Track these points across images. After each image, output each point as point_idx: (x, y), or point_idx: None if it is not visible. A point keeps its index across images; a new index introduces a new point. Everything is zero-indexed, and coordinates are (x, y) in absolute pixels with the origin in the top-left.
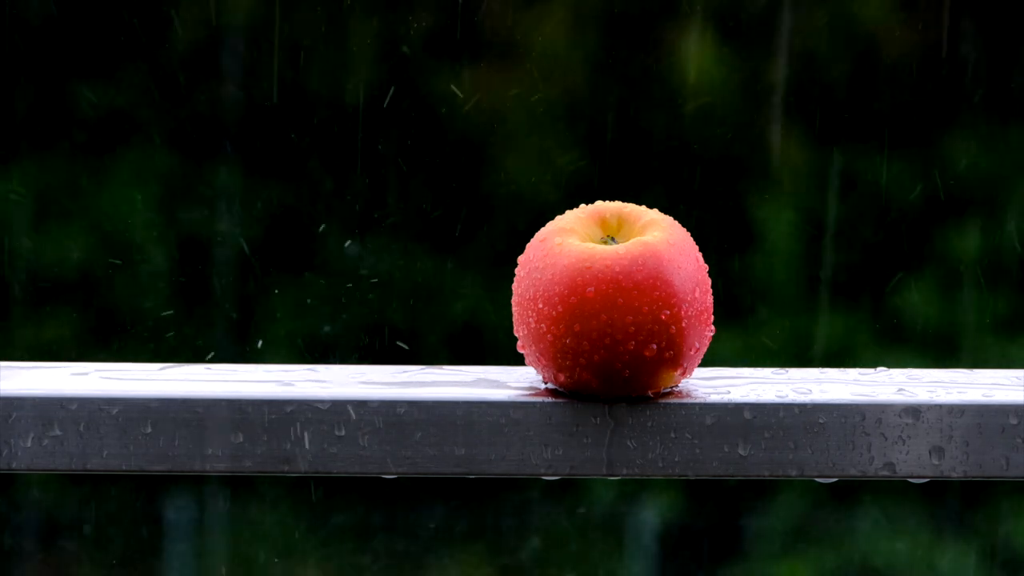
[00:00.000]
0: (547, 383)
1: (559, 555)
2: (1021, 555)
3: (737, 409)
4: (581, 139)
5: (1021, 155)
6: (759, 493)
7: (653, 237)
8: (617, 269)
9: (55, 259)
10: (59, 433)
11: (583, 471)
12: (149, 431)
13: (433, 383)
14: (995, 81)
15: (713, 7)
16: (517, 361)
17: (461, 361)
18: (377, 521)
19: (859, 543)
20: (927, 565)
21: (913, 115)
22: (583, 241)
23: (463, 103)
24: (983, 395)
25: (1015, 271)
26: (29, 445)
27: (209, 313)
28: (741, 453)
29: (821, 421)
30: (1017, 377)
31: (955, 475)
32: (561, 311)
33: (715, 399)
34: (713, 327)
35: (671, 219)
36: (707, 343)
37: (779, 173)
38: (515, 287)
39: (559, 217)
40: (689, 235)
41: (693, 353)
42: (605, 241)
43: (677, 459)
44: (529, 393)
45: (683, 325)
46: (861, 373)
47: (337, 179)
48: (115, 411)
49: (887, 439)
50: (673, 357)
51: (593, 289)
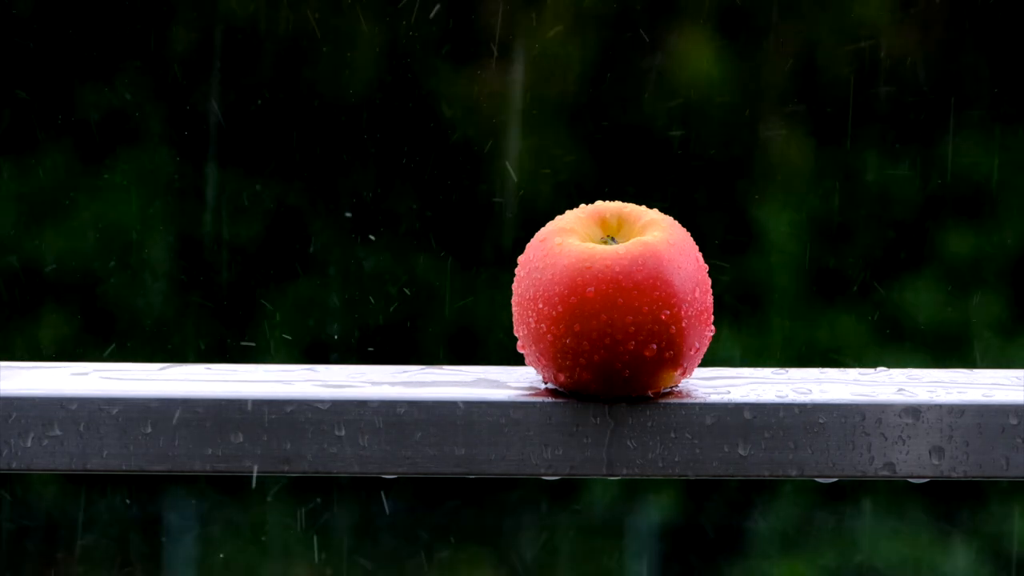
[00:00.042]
0: (547, 383)
1: (559, 555)
2: (1021, 555)
3: (737, 409)
4: (581, 139)
5: (1021, 155)
6: (759, 493)
7: (653, 237)
8: (617, 269)
9: (55, 259)
10: (59, 433)
11: (583, 471)
12: (149, 431)
13: (433, 383)
14: (995, 81)
15: (713, 7)
16: (517, 361)
17: (461, 361)
18: (377, 521)
19: (859, 543)
20: (927, 565)
21: (913, 115)
22: (583, 241)
23: (463, 103)
24: (983, 395)
25: (1015, 271)
26: (29, 445)
27: (209, 313)
28: (741, 453)
29: (821, 421)
30: (1017, 377)
31: (955, 475)
32: (561, 311)
33: (715, 399)
34: (713, 327)
35: (671, 219)
36: (707, 343)
37: (779, 173)
38: (515, 287)
39: (559, 217)
40: (689, 235)
41: (693, 353)
42: (605, 241)
43: (677, 459)
44: (529, 393)
45: (683, 325)
46: (861, 373)
47: (337, 179)
48: (115, 411)
49: (887, 439)
50: (673, 357)
51: (593, 289)
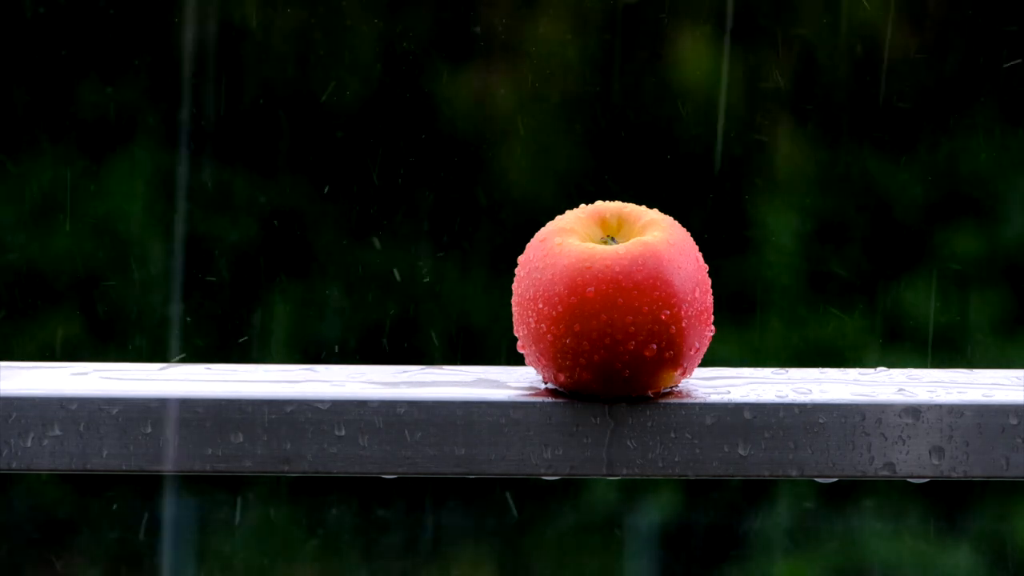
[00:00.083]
0: (547, 383)
1: (559, 555)
2: (1021, 555)
3: (737, 409)
4: (581, 139)
5: (1021, 155)
6: (759, 493)
7: (653, 237)
8: (617, 269)
9: (55, 259)
10: (59, 433)
11: (583, 471)
12: (149, 431)
13: (433, 383)
14: (995, 81)
15: (713, 7)
16: (517, 361)
17: (461, 361)
18: (377, 521)
19: (859, 543)
20: (927, 565)
21: (914, 115)
22: (583, 241)
23: (463, 103)
24: (983, 395)
25: (1015, 271)
26: (29, 445)
27: (209, 313)
28: (741, 453)
29: (821, 421)
30: (1017, 377)
31: (955, 475)
32: (561, 311)
33: (715, 399)
34: (713, 327)
35: (671, 219)
36: (707, 343)
37: (779, 173)
38: (515, 287)
39: (559, 217)
40: (689, 235)
41: (693, 353)
42: (605, 241)
43: (677, 459)
44: (529, 393)
45: (683, 325)
46: (861, 373)
47: (337, 179)
48: (115, 411)
49: (887, 439)
50: (673, 357)
51: (593, 289)
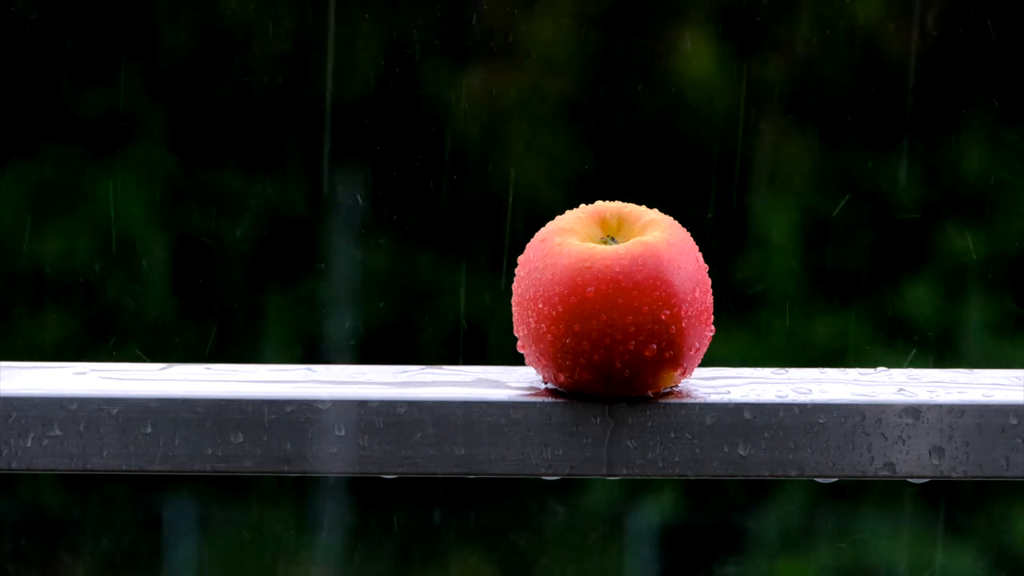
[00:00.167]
0: (547, 383)
1: (559, 555)
2: (1021, 555)
3: (737, 409)
4: (581, 139)
5: (1021, 155)
6: (759, 493)
7: (653, 237)
8: (617, 269)
9: (55, 259)
10: (59, 433)
11: (583, 471)
12: (149, 431)
13: (433, 383)
14: (996, 81)
15: (713, 7)
16: (517, 361)
17: (461, 361)
18: (377, 521)
19: (859, 543)
20: (927, 565)
21: (914, 115)
22: (583, 241)
23: (463, 103)
24: (983, 395)
25: (1015, 271)
26: (29, 445)
27: (209, 313)
28: (741, 453)
29: (821, 421)
30: (1017, 377)
31: (955, 475)
32: (561, 311)
33: (715, 399)
34: (713, 327)
35: (671, 219)
36: (707, 343)
37: (779, 173)
38: (515, 287)
39: (559, 217)
40: (689, 235)
41: (693, 353)
42: (605, 241)
43: (677, 459)
44: (529, 393)
45: (683, 325)
46: (861, 373)
47: (337, 179)
48: (115, 411)
49: (887, 439)
50: (673, 357)
51: (593, 289)
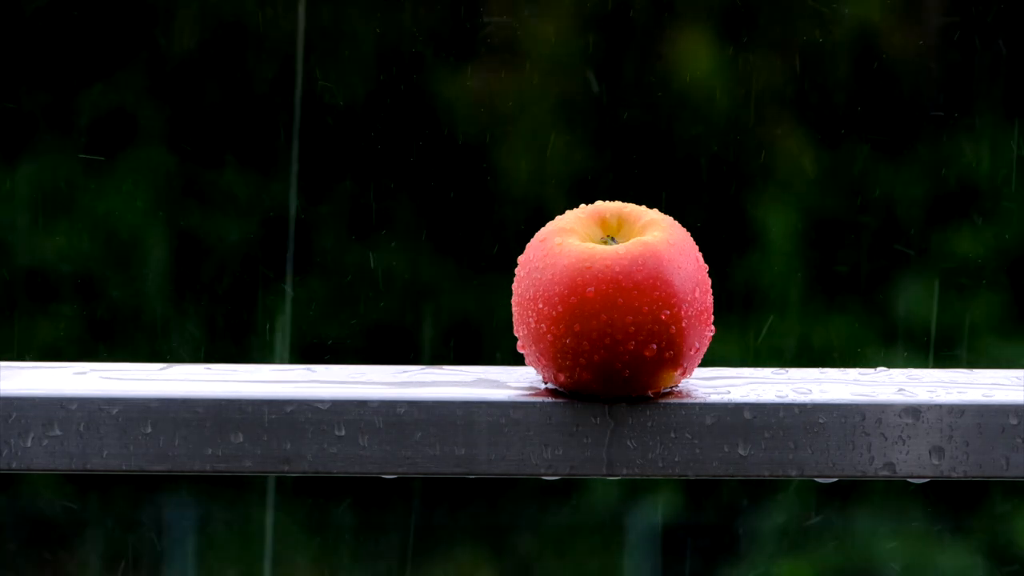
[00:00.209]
0: (547, 383)
1: (559, 555)
2: (1021, 555)
3: (737, 409)
4: (581, 139)
5: (1021, 155)
6: (759, 493)
7: (653, 237)
8: (617, 269)
9: (55, 259)
10: (59, 433)
11: (583, 471)
12: (149, 431)
13: (433, 383)
14: (996, 81)
15: (713, 7)
16: (517, 361)
17: (461, 361)
18: (377, 521)
19: (859, 543)
20: (927, 565)
21: (914, 115)
22: (583, 241)
23: (464, 103)
24: (983, 395)
25: (1015, 271)
26: (29, 445)
27: (209, 313)
28: (741, 453)
29: (821, 421)
30: (1017, 377)
31: (955, 475)
32: (561, 311)
33: (715, 399)
34: (713, 327)
35: (671, 219)
36: (707, 343)
37: (779, 173)
38: (515, 287)
39: (559, 217)
40: (689, 235)
41: (693, 353)
42: (605, 241)
43: (677, 459)
44: (529, 393)
45: (683, 325)
46: (861, 373)
47: (337, 179)
48: (115, 411)
49: (887, 439)
50: (673, 357)
51: (593, 289)
